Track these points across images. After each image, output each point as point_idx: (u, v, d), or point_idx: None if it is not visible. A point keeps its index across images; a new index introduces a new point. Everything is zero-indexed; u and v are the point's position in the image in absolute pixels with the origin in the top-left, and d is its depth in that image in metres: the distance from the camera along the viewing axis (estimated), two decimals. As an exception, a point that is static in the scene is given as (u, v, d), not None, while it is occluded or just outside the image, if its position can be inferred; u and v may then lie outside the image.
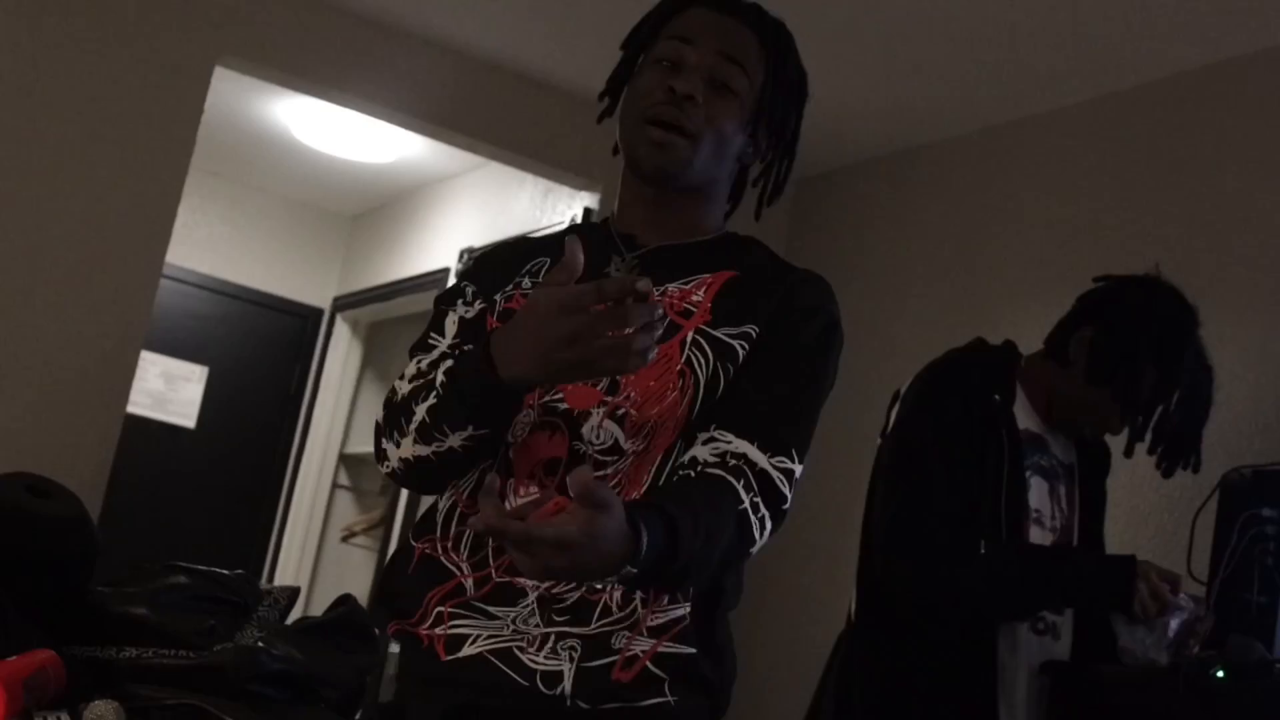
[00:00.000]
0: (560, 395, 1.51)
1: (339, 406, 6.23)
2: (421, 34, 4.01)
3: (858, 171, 4.35)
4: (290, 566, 6.03)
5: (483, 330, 1.57)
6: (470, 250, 5.11)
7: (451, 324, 1.63)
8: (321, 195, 6.21)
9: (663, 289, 1.55)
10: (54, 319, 3.56)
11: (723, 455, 1.46)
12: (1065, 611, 2.35)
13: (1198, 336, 2.30)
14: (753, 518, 1.43)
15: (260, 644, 2.26)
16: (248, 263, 6.27)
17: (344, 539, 5.97)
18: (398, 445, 1.53)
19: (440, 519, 1.57)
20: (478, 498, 1.23)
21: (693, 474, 1.45)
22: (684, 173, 1.56)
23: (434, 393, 1.47)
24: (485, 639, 1.48)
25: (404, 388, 1.55)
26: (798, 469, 1.50)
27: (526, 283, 1.62)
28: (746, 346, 1.52)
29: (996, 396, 2.27)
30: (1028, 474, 2.28)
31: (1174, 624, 2.16)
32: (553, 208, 4.61)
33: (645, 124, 1.55)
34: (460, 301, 1.64)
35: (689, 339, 1.52)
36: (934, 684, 2.22)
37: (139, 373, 3.89)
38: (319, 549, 6.09)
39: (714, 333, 1.53)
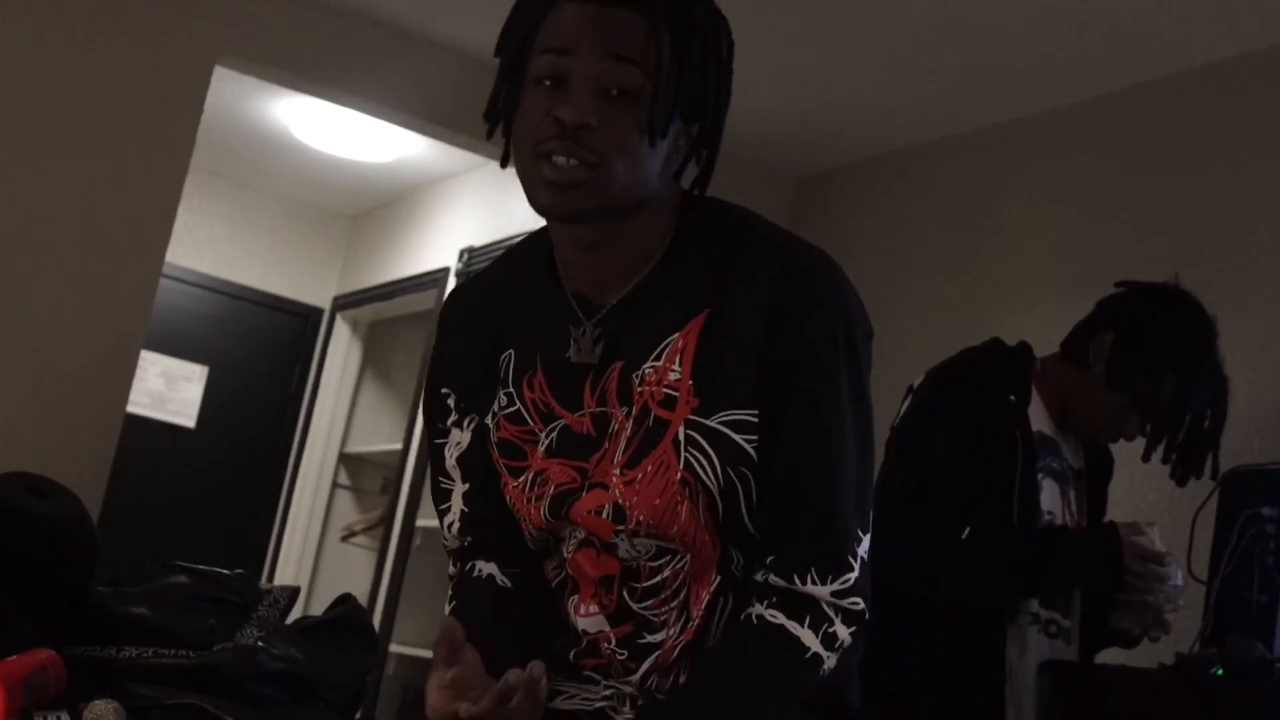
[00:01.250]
0: (581, 530, 1.41)
1: (339, 406, 6.22)
2: (421, 34, 4.01)
3: (858, 171, 4.34)
4: (290, 566, 6.03)
5: (485, 465, 1.47)
6: (470, 250, 5.11)
7: (453, 464, 1.49)
8: (321, 195, 6.20)
9: (640, 375, 1.37)
10: (54, 319, 3.56)
11: (782, 598, 1.33)
12: (1076, 614, 2.35)
13: (1217, 348, 2.30)
14: (827, 655, 1.33)
15: (260, 644, 2.26)
16: (248, 263, 6.27)
17: (344, 539, 5.97)
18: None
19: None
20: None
21: (749, 625, 1.34)
22: (600, 207, 1.32)
23: None
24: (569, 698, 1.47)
25: (448, 600, 1.52)
26: (864, 548, 1.36)
27: (502, 398, 1.45)
28: (754, 439, 1.34)
29: (1011, 397, 2.27)
30: (1040, 476, 2.28)
31: (1173, 583, 2.19)
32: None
33: (539, 160, 1.31)
34: (451, 424, 1.50)
35: (682, 436, 1.35)
36: (940, 685, 2.22)
37: (139, 373, 3.89)
38: (319, 549, 6.09)
39: (709, 423, 1.35)
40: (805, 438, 1.35)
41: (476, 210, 5.26)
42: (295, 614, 2.58)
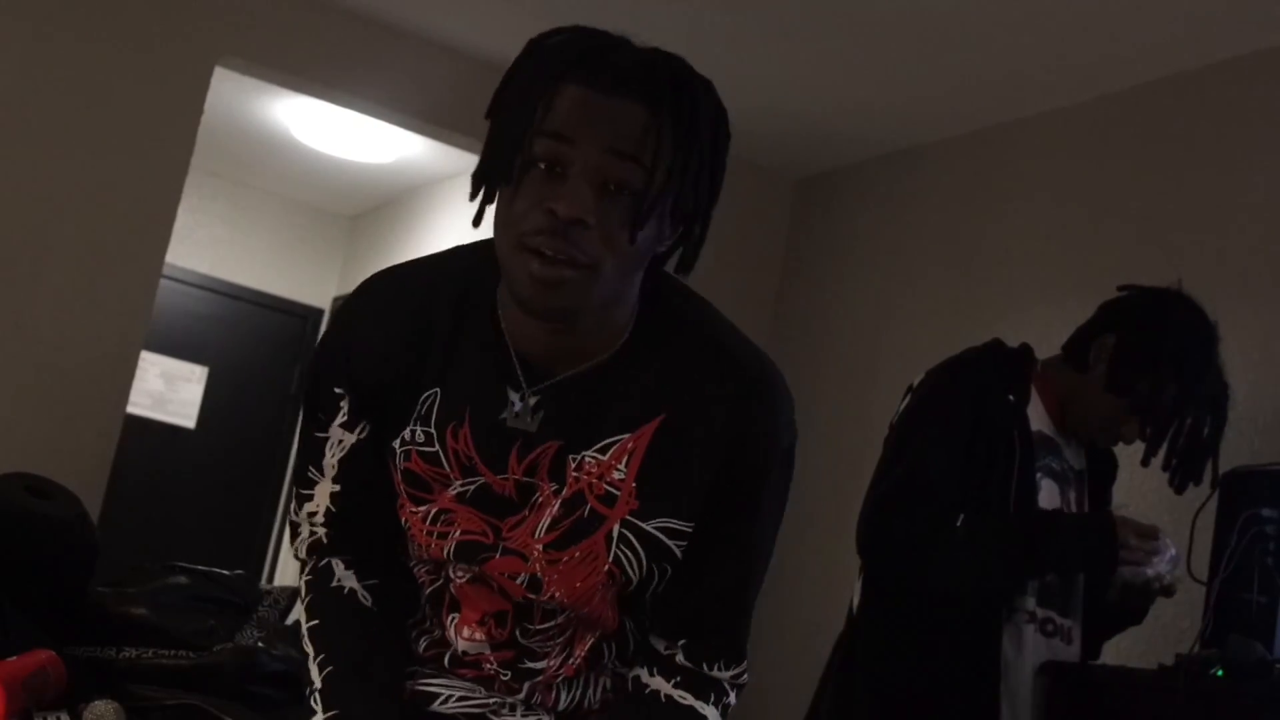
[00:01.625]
0: (491, 578, 1.40)
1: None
2: (421, 34, 4.01)
3: (858, 172, 4.35)
4: (290, 567, 6.03)
5: (367, 473, 1.42)
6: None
7: (331, 463, 1.43)
8: (321, 195, 6.21)
9: (577, 460, 1.35)
10: (54, 319, 3.56)
11: (689, 679, 1.40)
12: (1076, 614, 2.36)
13: (1217, 353, 2.30)
14: None
15: (260, 644, 2.26)
16: (247, 263, 6.27)
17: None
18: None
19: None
20: None
21: (659, 702, 1.40)
22: (582, 307, 1.28)
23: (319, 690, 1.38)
24: (457, 700, 1.46)
25: (304, 602, 1.45)
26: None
27: (420, 434, 1.38)
28: (684, 544, 1.36)
29: (1011, 397, 2.28)
30: (1038, 476, 2.28)
31: (1169, 554, 2.20)
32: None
33: (525, 253, 1.25)
34: (338, 424, 1.42)
35: (615, 533, 1.35)
36: (937, 684, 2.22)
37: (139, 373, 3.89)
38: (319, 549, 6.09)
39: (644, 526, 1.35)
40: (736, 549, 1.40)
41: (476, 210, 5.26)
42: (295, 614, 2.58)
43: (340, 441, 1.42)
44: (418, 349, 1.38)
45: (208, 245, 6.08)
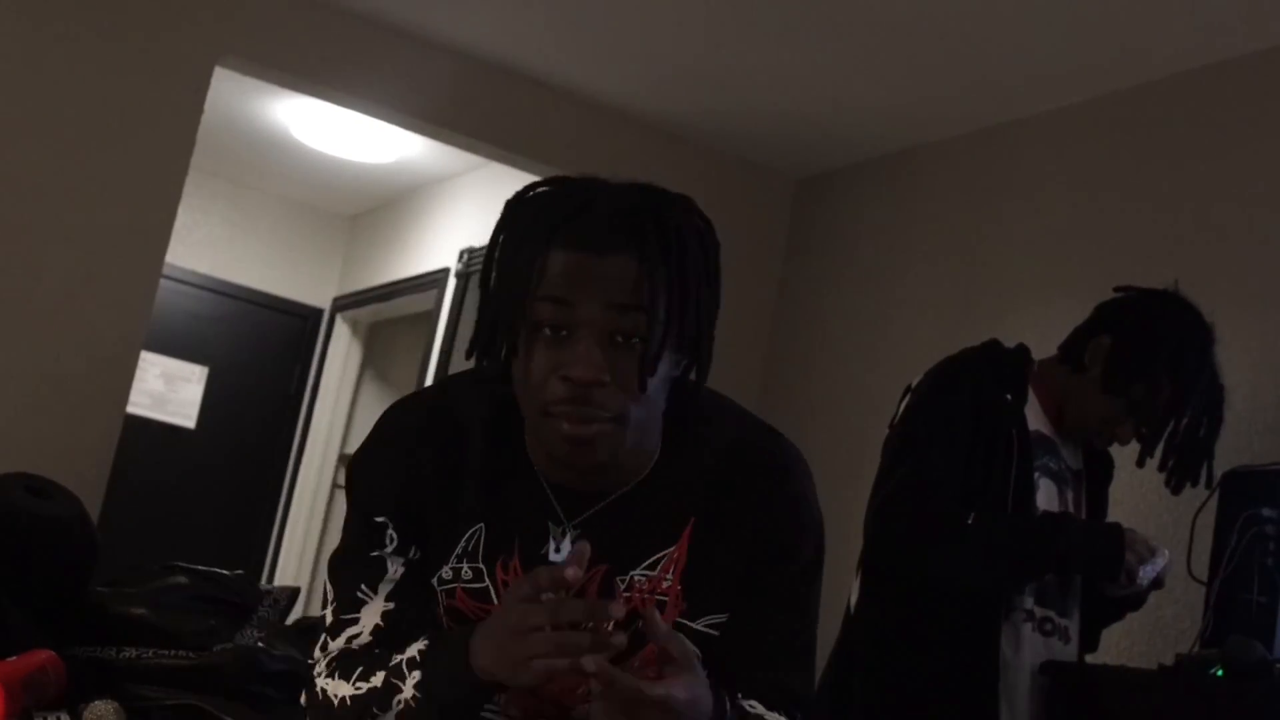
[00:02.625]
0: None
1: (339, 406, 6.23)
2: (421, 34, 4.01)
3: (858, 172, 4.35)
4: (290, 566, 6.04)
5: (417, 595, 1.40)
6: (470, 250, 5.11)
7: (385, 593, 1.40)
8: (321, 195, 6.21)
9: (626, 580, 1.38)
10: (54, 319, 3.56)
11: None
12: (1074, 614, 2.36)
13: (1213, 355, 2.31)
14: None
15: (260, 644, 2.26)
16: (248, 263, 6.27)
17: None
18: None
19: None
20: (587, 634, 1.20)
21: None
22: (618, 452, 1.33)
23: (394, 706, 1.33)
24: None
25: (338, 689, 1.38)
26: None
27: (467, 570, 1.40)
28: (718, 633, 1.42)
29: (1008, 397, 2.28)
30: (1036, 475, 2.28)
31: (1160, 563, 2.21)
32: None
33: (552, 419, 1.30)
34: (387, 554, 1.42)
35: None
36: (935, 683, 2.23)
37: (139, 373, 3.89)
38: (319, 549, 6.09)
39: (694, 626, 1.40)
40: (780, 613, 1.45)
41: (476, 211, 5.27)
42: (295, 614, 2.58)
43: (391, 578, 1.41)
44: (455, 480, 1.40)
45: (207, 245, 6.08)
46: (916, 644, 2.25)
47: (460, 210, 5.42)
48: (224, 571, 2.50)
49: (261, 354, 6.28)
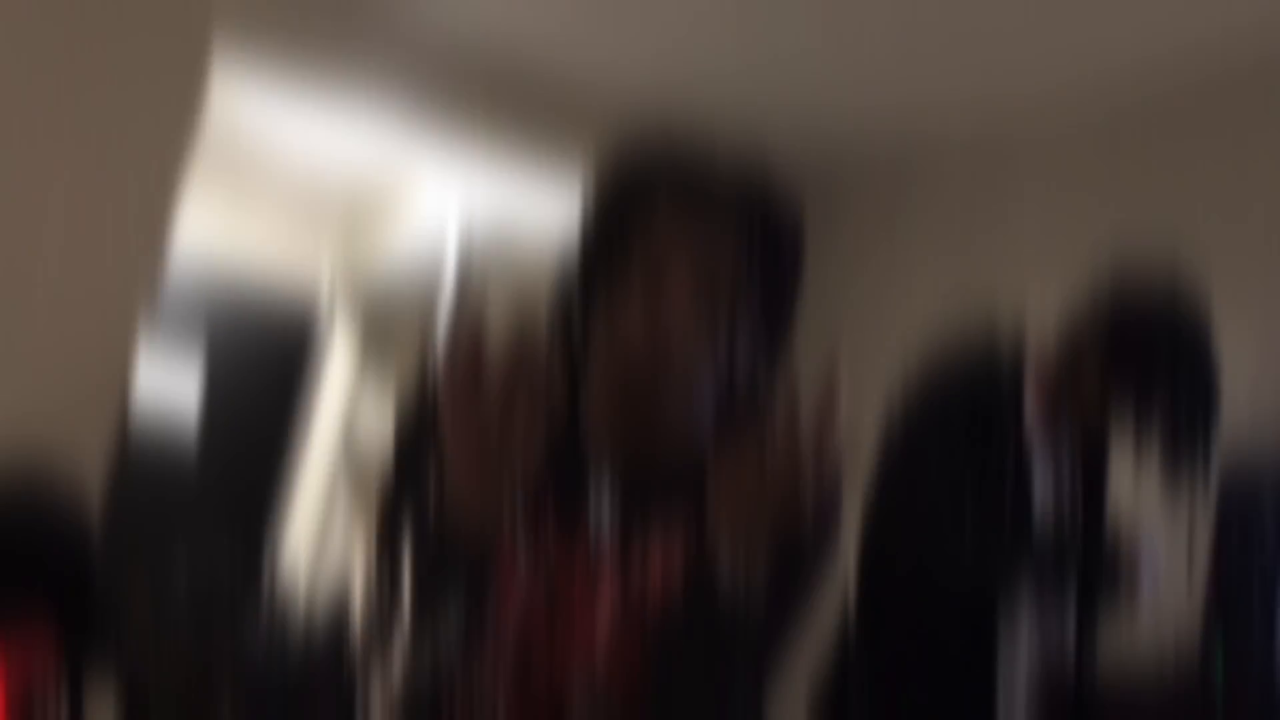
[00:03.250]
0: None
1: (338, 404, 6.23)
2: (421, 34, 4.01)
3: (858, 172, 4.34)
4: (290, 566, 6.03)
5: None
6: (470, 250, 5.11)
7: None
8: (321, 193, 6.20)
9: (642, 550, 1.42)
10: (53, 320, 3.56)
11: None
12: (1072, 615, 2.36)
13: (1213, 350, 2.30)
14: None
15: (260, 643, 2.27)
16: (246, 261, 6.27)
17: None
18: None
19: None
20: None
21: None
22: (685, 400, 1.39)
23: None
24: None
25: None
26: None
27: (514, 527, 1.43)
28: None
29: (1007, 393, 2.28)
30: (1035, 470, 2.28)
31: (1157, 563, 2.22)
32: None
33: (639, 365, 1.36)
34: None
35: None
36: (934, 684, 2.23)
37: (139, 373, 3.89)
38: (319, 549, 6.09)
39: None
40: None
41: (476, 210, 5.26)
42: (295, 614, 2.59)
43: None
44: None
45: (206, 244, 6.07)
46: (915, 647, 2.25)
47: (460, 210, 5.41)
48: (225, 571, 2.51)
49: (260, 351, 6.28)
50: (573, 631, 1.39)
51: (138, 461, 5.41)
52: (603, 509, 1.41)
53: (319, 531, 6.14)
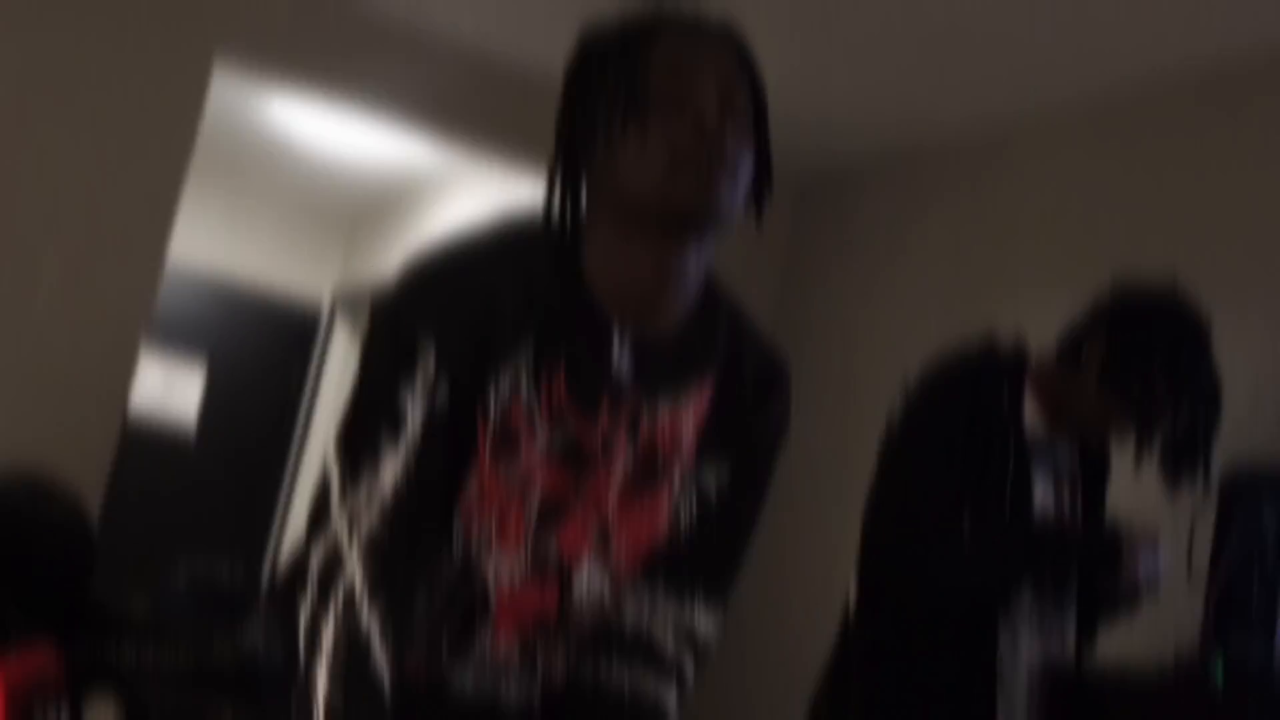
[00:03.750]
0: (554, 538, 1.42)
1: (339, 406, 6.23)
2: (421, 34, 4.01)
3: (858, 172, 4.35)
4: (290, 566, 6.03)
5: (469, 443, 1.38)
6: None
7: (413, 417, 1.37)
8: (321, 195, 6.21)
9: (653, 415, 1.43)
10: (54, 320, 3.56)
11: (678, 635, 1.47)
12: (1072, 616, 2.36)
13: (1211, 353, 2.30)
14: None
15: (261, 643, 2.27)
16: (248, 263, 6.27)
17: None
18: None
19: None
20: None
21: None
22: (722, 213, 1.37)
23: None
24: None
25: (373, 527, 1.35)
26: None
27: (526, 389, 1.39)
28: (714, 494, 1.50)
29: (1006, 396, 2.28)
30: (1033, 476, 2.28)
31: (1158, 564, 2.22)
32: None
33: (674, 167, 1.33)
34: (418, 375, 1.38)
35: (677, 486, 1.47)
36: (933, 684, 2.23)
37: (139, 373, 3.89)
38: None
39: (700, 482, 1.48)
40: (748, 503, 1.52)
41: (476, 210, 5.26)
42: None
43: (430, 410, 1.37)
44: (509, 306, 1.39)
45: (207, 245, 6.08)
46: (915, 648, 2.25)
47: (460, 210, 5.42)
48: (224, 571, 2.51)
49: (261, 354, 6.29)
50: (587, 496, 1.43)
51: (139, 466, 5.41)
52: (621, 370, 1.41)
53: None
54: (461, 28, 3.94)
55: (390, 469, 1.37)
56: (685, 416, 1.44)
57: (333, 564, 1.34)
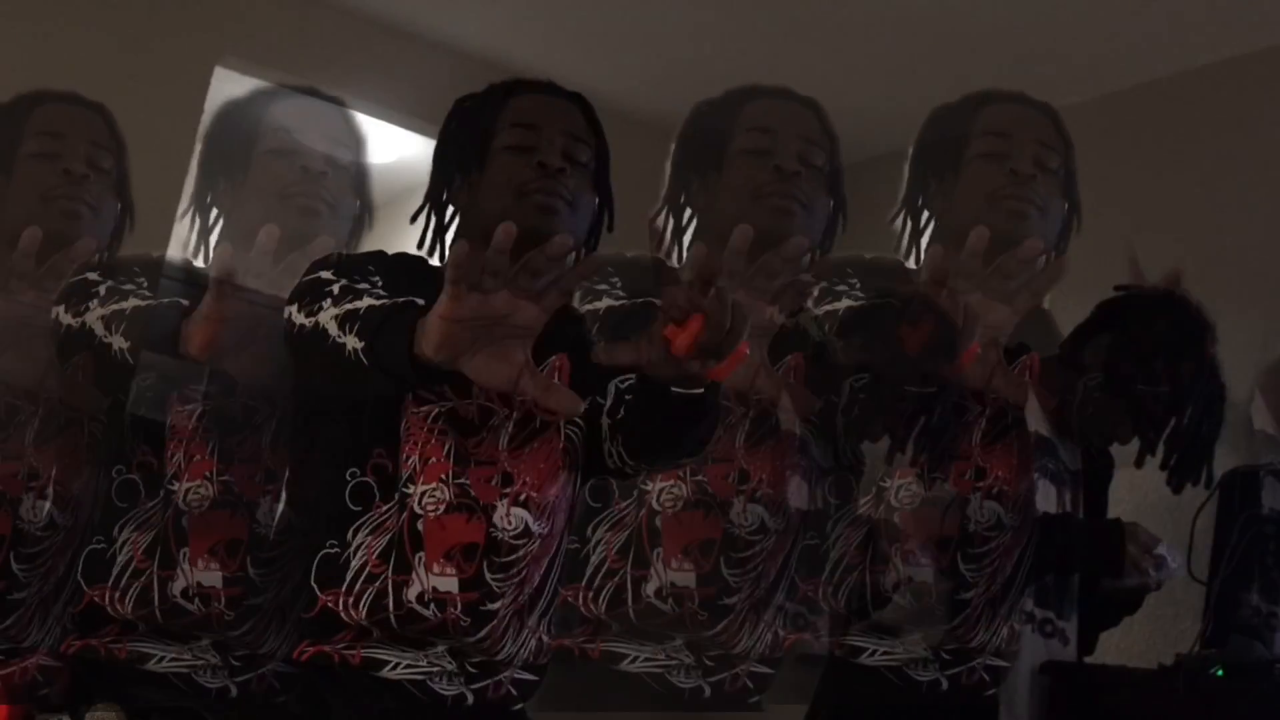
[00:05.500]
0: (469, 483, 1.60)
1: (339, 406, 6.23)
2: (421, 34, 4.01)
3: (858, 172, 4.34)
4: (290, 566, 6.03)
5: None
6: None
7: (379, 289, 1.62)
8: (321, 195, 6.20)
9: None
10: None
11: None
12: (1073, 616, 2.36)
13: (1214, 353, 2.30)
14: None
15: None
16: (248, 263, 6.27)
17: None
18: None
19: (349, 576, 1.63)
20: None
21: None
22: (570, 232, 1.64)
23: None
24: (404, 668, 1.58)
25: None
26: None
27: None
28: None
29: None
30: (1035, 476, 2.28)
31: (1170, 568, 2.24)
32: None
33: (522, 198, 1.68)
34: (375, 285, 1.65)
35: (562, 426, 1.68)
36: (934, 685, 2.22)
37: (138, 374, 3.89)
38: (319, 549, 6.10)
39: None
40: None
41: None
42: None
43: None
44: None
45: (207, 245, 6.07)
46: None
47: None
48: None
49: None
50: (480, 454, 1.63)
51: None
52: None
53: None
54: (461, 29, 3.94)
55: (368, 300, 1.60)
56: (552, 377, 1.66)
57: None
